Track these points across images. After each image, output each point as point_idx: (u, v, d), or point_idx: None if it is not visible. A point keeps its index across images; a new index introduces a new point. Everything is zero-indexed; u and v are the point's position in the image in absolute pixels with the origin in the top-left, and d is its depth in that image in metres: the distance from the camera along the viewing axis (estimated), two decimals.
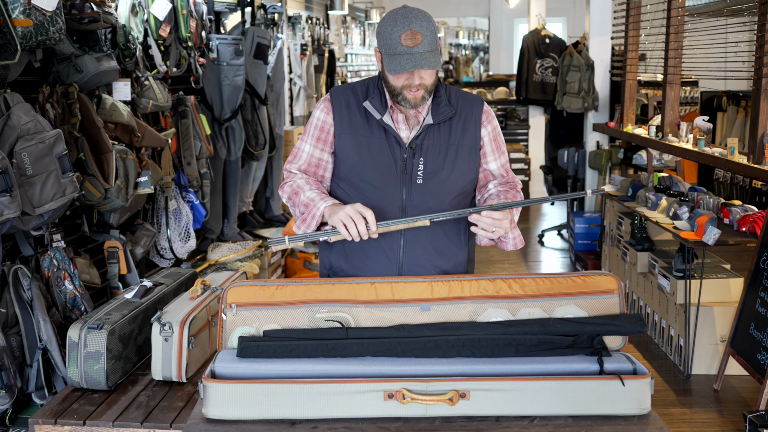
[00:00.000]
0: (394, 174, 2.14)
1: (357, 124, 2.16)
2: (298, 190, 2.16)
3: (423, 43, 1.99)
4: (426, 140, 2.14)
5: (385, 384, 1.80)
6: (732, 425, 3.46)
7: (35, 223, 2.62)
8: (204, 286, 2.52)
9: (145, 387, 2.34)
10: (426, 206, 2.15)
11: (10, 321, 2.66)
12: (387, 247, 2.19)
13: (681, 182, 4.84)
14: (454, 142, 2.16)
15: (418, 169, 2.14)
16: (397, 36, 1.99)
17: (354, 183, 2.18)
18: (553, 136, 7.52)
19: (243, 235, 5.02)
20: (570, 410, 1.80)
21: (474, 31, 19.18)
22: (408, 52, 1.99)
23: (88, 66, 3.03)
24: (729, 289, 4.08)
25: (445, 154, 2.15)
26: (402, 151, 2.14)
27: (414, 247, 2.19)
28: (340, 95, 2.19)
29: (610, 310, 2.05)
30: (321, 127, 2.20)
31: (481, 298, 2.05)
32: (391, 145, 2.14)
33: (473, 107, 2.20)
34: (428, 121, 2.14)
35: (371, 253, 2.20)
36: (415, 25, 1.99)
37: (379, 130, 2.15)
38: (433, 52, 2.01)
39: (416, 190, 2.15)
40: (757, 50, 4.08)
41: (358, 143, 2.16)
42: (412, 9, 2.03)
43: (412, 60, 1.98)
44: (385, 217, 2.13)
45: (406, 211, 2.16)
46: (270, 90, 5.39)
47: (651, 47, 6.21)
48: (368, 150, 2.15)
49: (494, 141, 2.23)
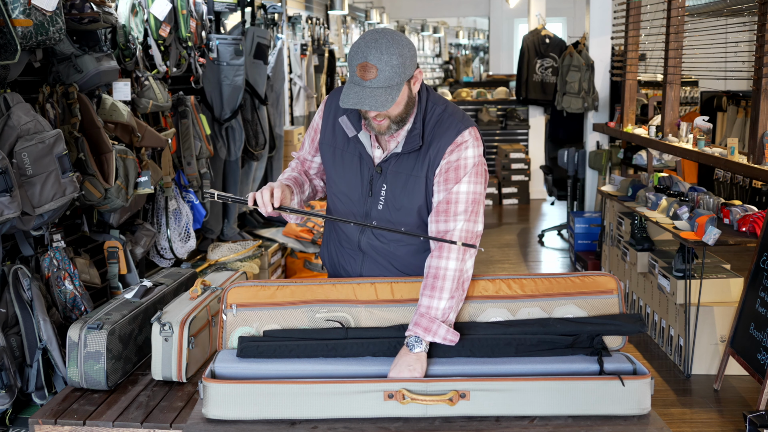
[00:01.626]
0: (360, 193, 2.11)
1: (338, 135, 2.13)
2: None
3: (377, 79, 1.85)
4: (392, 167, 2.07)
5: (385, 384, 1.80)
6: (732, 425, 3.46)
7: (35, 223, 2.62)
8: (204, 286, 2.52)
9: (145, 387, 2.34)
10: (381, 232, 2.13)
11: (10, 321, 2.66)
12: (350, 256, 2.23)
13: (681, 182, 4.84)
14: (415, 173, 2.04)
15: (380, 194, 2.09)
16: (354, 64, 1.88)
17: (332, 191, 2.20)
18: (553, 136, 7.52)
19: (243, 235, 5.02)
20: (570, 410, 1.80)
21: (474, 31, 19.18)
22: (359, 84, 1.88)
23: (88, 66, 3.03)
24: (729, 289, 4.08)
25: (404, 184, 2.06)
26: (370, 171, 2.09)
27: (372, 264, 2.20)
28: (333, 100, 2.15)
29: (609, 310, 2.05)
30: (315, 128, 2.22)
31: (481, 298, 2.05)
32: (362, 162, 2.10)
33: (443, 136, 2.02)
34: (396, 149, 2.04)
35: (343, 255, 2.26)
36: (372, 57, 1.85)
37: (355, 145, 2.10)
38: (387, 89, 1.86)
39: (375, 215, 2.11)
40: (757, 50, 4.08)
41: (335, 154, 2.14)
42: (381, 36, 1.87)
43: (359, 95, 1.87)
44: (346, 234, 2.19)
45: (364, 233, 2.16)
46: (270, 90, 5.39)
47: (651, 47, 6.21)
48: (342, 163, 2.13)
49: (445, 173, 2.01)
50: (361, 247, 2.17)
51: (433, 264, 1.99)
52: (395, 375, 1.88)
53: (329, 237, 2.32)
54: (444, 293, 1.95)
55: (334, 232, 2.28)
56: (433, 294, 1.96)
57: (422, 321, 1.93)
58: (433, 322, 1.93)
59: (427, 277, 1.99)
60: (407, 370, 1.87)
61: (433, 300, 1.95)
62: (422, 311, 1.95)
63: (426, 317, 1.94)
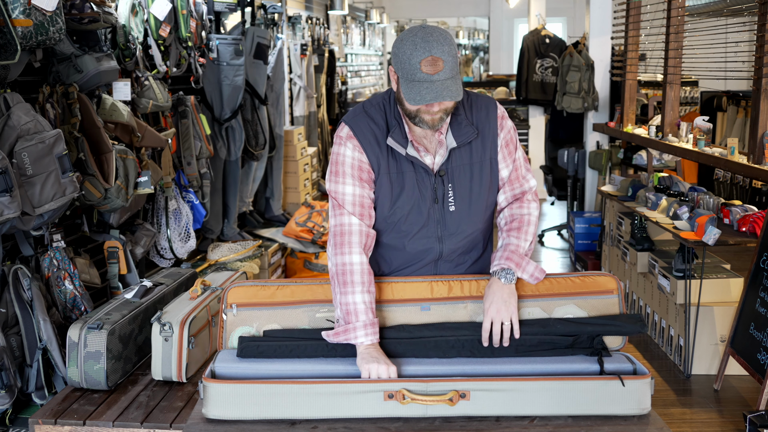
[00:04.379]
0: (426, 205, 2.05)
1: (389, 161, 2.04)
2: (351, 280, 1.96)
3: (444, 70, 1.86)
4: (453, 163, 2.04)
5: (385, 384, 1.80)
6: (732, 425, 3.46)
7: (35, 223, 2.62)
8: (204, 286, 2.52)
9: (145, 387, 2.34)
10: (461, 232, 2.09)
11: (10, 321, 2.66)
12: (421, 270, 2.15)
13: (681, 182, 4.84)
14: (477, 160, 2.06)
15: (449, 197, 2.05)
16: (416, 62, 1.85)
17: (390, 220, 2.07)
18: (553, 136, 7.52)
19: (243, 235, 5.02)
20: (570, 410, 1.80)
21: (474, 31, 19.18)
22: (428, 80, 1.85)
23: (88, 66, 3.03)
24: (729, 289, 4.08)
25: (471, 174, 2.05)
26: (431, 179, 2.04)
27: (447, 263, 2.15)
28: (365, 131, 2.02)
29: (609, 310, 2.05)
30: (359, 166, 2.02)
31: (481, 298, 2.05)
32: (419, 176, 2.03)
33: (488, 117, 2.07)
34: (451, 144, 2.02)
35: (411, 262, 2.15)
36: (436, 50, 1.85)
37: (407, 163, 2.02)
38: (454, 79, 1.87)
39: (450, 218, 2.07)
40: (757, 50, 4.08)
41: (391, 180, 2.04)
42: (432, 30, 1.88)
43: (433, 89, 1.85)
44: (424, 251, 2.09)
45: (443, 241, 2.09)
46: (270, 90, 5.40)
47: (651, 47, 6.21)
48: (400, 185, 2.03)
49: (506, 147, 2.09)
50: (443, 254, 2.12)
51: (516, 213, 2.12)
52: (492, 310, 1.95)
53: (383, 261, 2.15)
54: (529, 236, 2.09)
55: (395, 251, 2.13)
56: (520, 236, 2.08)
57: (513, 257, 2.03)
58: (523, 258, 2.04)
59: (512, 222, 2.11)
60: (504, 306, 1.96)
61: (520, 240, 2.07)
62: (512, 248, 2.05)
63: (516, 254, 2.04)
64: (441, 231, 2.07)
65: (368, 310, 1.94)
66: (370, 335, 1.92)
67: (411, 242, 2.09)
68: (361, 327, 1.92)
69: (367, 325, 1.92)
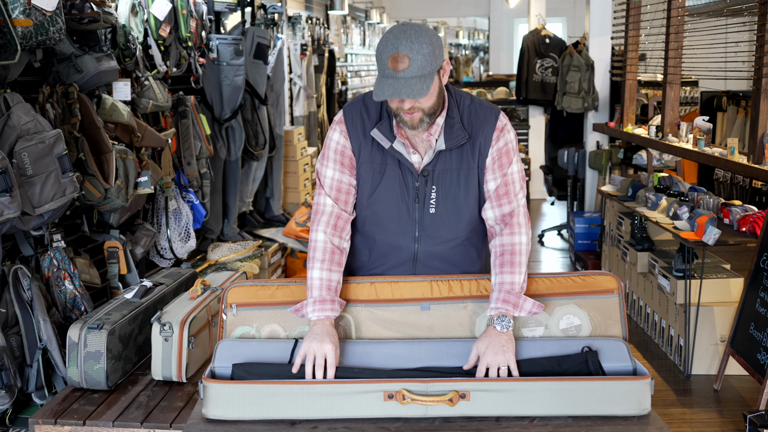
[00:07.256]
0: (406, 202, 2.06)
1: (372, 151, 2.06)
2: (312, 256, 2.03)
3: (411, 68, 1.85)
4: (438, 166, 2.04)
5: (385, 384, 1.80)
6: (732, 425, 3.46)
7: (35, 223, 2.62)
8: (204, 286, 2.52)
9: (145, 387, 2.34)
10: (439, 236, 2.09)
11: (10, 321, 2.66)
12: (397, 268, 2.15)
13: (681, 182, 4.84)
14: (465, 166, 2.05)
15: (430, 198, 2.05)
16: (385, 57, 1.87)
17: (368, 211, 2.10)
18: (553, 136, 7.52)
19: (243, 235, 5.02)
20: (570, 410, 1.80)
21: (474, 31, 19.18)
22: (393, 76, 1.86)
23: (88, 66, 3.03)
24: (729, 289, 4.08)
25: (457, 180, 2.06)
26: (414, 179, 2.05)
27: (426, 262, 2.14)
28: (355, 118, 2.07)
29: (610, 310, 2.05)
30: (342, 151, 2.08)
31: (481, 298, 2.05)
32: (403, 172, 2.05)
33: (485, 125, 2.06)
34: (440, 146, 2.03)
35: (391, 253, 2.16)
36: (404, 47, 1.85)
37: (392, 157, 2.05)
38: (422, 78, 1.86)
39: (429, 220, 2.07)
40: (757, 50, 4.08)
41: (373, 171, 2.07)
42: (408, 28, 1.88)
43: (394, 86, 1.86)
44: (399, 248, 2.10)
45: (419, 242, 2.09)
46: (270, 90, 5.39)
47: (651, 47, 6.21)
48: (381, 178, 2.06)
49: (498, 159, 2.06)
50: (418, 256, 2.12)
51: (506, 242, 2.05)
52: (489, 354, 1.89)
53: (361, 249, 2.19)
54: (522, 267, 2.03)
55: (373, 242, 2.16)
56: (513, 269, 2.01)
57: (510, 297, 1.97)
58: (519, 297, 1.98)
59: (503, 255, 2.03)
60: (501, 352, 1.90)
61: (514, 276, 2.01)
62: (507, 288, 1.99)
63: (513, 294, 1.98)
64: (418, 231, 2.09)
65: (323, 287, 1.98)
66: (317, 311, 1.95)
67: (386, 235, 2.10)
68: (311, 303, 1.97)
69: (317, 302, 1.96)
